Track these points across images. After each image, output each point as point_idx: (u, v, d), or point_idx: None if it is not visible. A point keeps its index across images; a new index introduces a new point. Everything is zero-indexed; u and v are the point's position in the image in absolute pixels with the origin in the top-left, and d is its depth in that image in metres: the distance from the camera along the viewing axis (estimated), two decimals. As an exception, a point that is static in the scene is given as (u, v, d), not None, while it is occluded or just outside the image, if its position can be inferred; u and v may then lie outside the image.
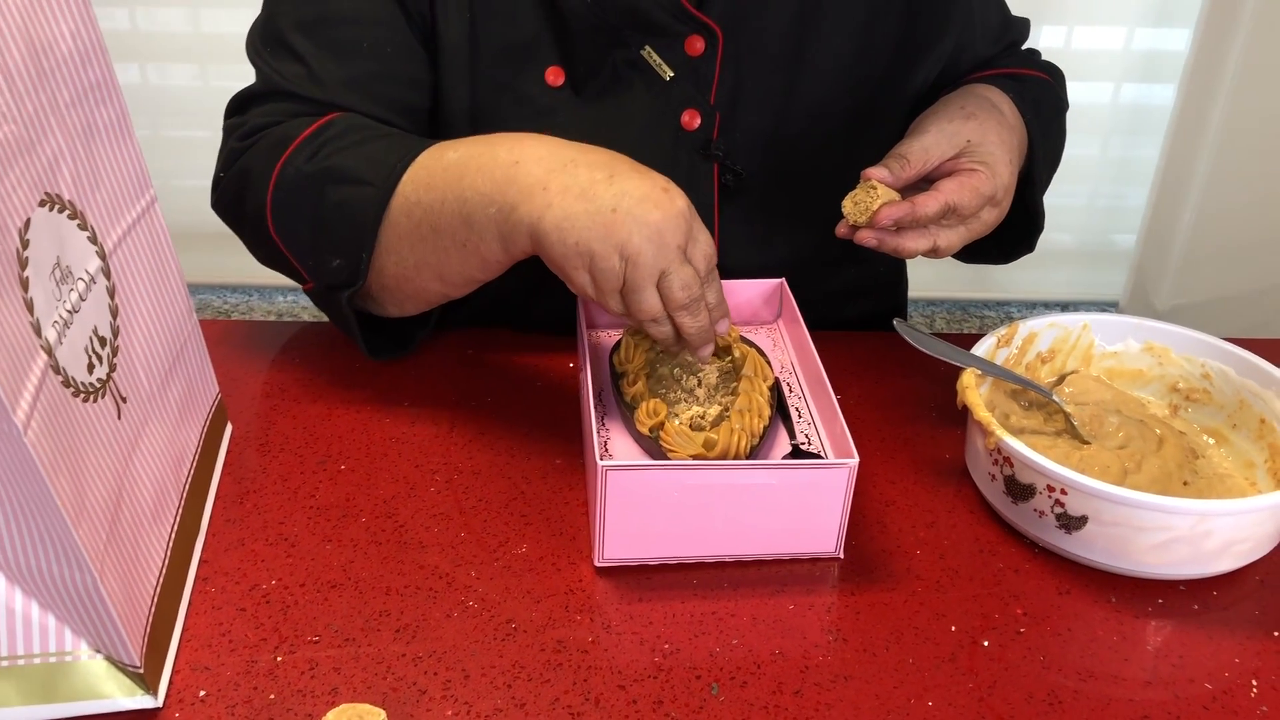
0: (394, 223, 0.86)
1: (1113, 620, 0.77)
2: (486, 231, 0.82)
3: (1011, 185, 0.92)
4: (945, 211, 0.88)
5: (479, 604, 0.76)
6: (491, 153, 0.82)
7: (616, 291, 0.78)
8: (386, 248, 0.87)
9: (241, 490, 0.85)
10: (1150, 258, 2.36)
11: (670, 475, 0.75)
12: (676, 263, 0.77)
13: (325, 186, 0.87)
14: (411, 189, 0.85)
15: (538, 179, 0.79)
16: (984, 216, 0.91)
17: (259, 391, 0.96)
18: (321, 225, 0.88)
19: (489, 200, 0.81)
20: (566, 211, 0.77)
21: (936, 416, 0.96)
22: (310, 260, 0.91)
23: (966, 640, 0.75)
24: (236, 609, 0.75)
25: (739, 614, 0.76)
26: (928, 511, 0.86)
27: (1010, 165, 0.91)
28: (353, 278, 0.88)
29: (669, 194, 0.78)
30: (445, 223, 0.83)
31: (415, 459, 0.89)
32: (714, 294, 0.81)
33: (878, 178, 0.89)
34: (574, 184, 0.78)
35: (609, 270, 0.77)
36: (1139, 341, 0.94)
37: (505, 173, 0.80)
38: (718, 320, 0.82)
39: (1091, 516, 0.77)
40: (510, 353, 1.02)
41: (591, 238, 0.76)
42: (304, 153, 0.88)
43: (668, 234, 0.76)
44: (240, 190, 0.92)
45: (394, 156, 0.86)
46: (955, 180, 0.89)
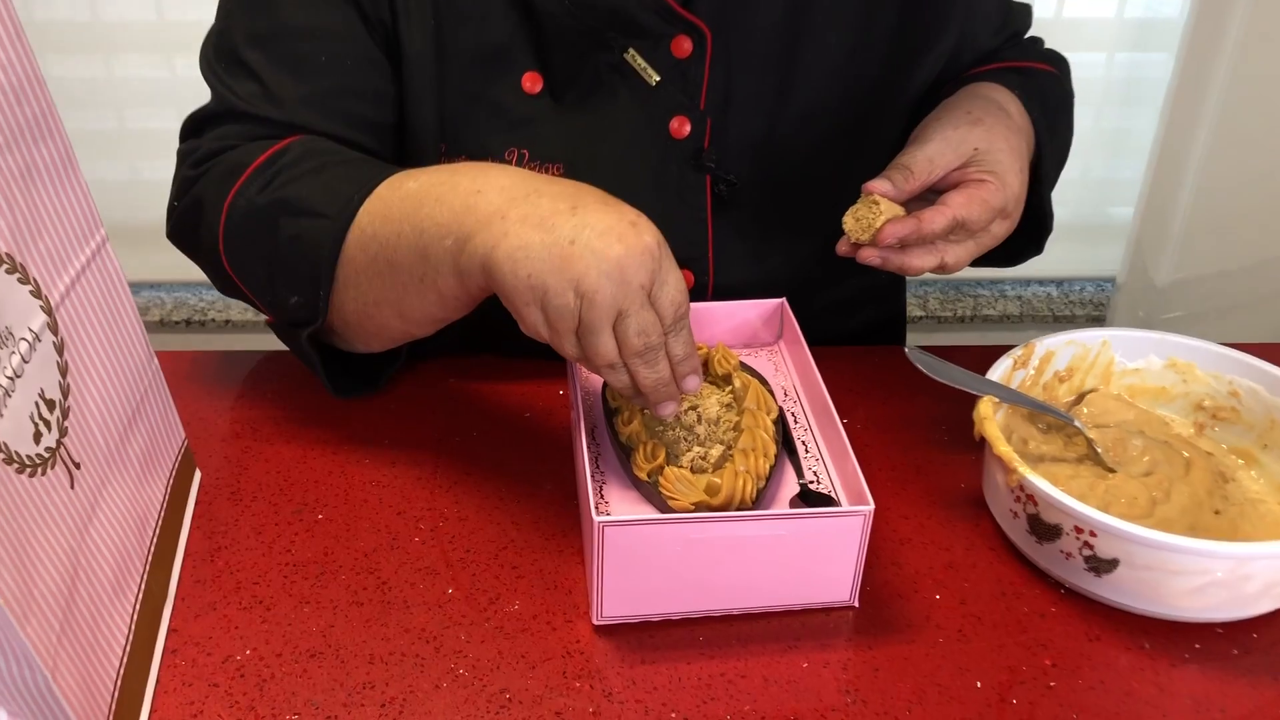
0: (351, 258, 0.80)
1: (1148, 669, 0.72)
2: (443, 265, 0.76)
3: (1022, 195, 0.86)
4: (953, 227, 0.83)
5: (470, 672, 0.71)
6: (452, 182, 0.76)
7: (571, 332, 0.72)
8: (344, 283, 0.81)
9: (212, 547, 0.79)
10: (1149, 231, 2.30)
11: (672, 530, 0.69)
12: (636, 304, 0.70)
13: (279, 219, 0.81)
14: (368, 221, 0.79)
15: (496, 208, 0.73)
16: (994, 230, 0.85)
17: (228, 431, 0.90)
18: (276, 260, 0.82)
19: (446, 231, 0.75)
20: (522, 240, 0.71)
21: (949, 440, 0.91)
22: (267, 296, 0.85)
23: (994, 698, 0.70)
24: (209, 684, 0.70)
25: (750, 674, 0.71)
26: (945, 550, 0.81)
27: (1021, 174, 0.86)
28: (312, 315, 0.83)
29: (636, 228, 0.71)
30: (402, 257, 0.78)
31: (397, 505, 0.83)
32: (681, 346, 0.74)
33: (880, 191, 0.83)
34: (533, 213, 0.71)
35: (563, 308, 0.71)
36: (1162, 358, 0.88)
37: (465, 201, 0.74)
38: (684, 376, 0.75)
39: (1123, 560, 0.72)
40: (495, 381, 0.96)
41: (546, 270, 0.70)
42: (256, 182, 0.82)
43: (629, 271, 0.70)
44: (194, 221, 0.86)
45: (351, 186, 0.80)
46: (963, 193, 0.83)
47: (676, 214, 0.94)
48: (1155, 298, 2.16)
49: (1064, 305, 2.33)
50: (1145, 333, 0.88)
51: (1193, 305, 2.16)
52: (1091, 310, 2.32)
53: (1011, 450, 0.75)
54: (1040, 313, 2.31)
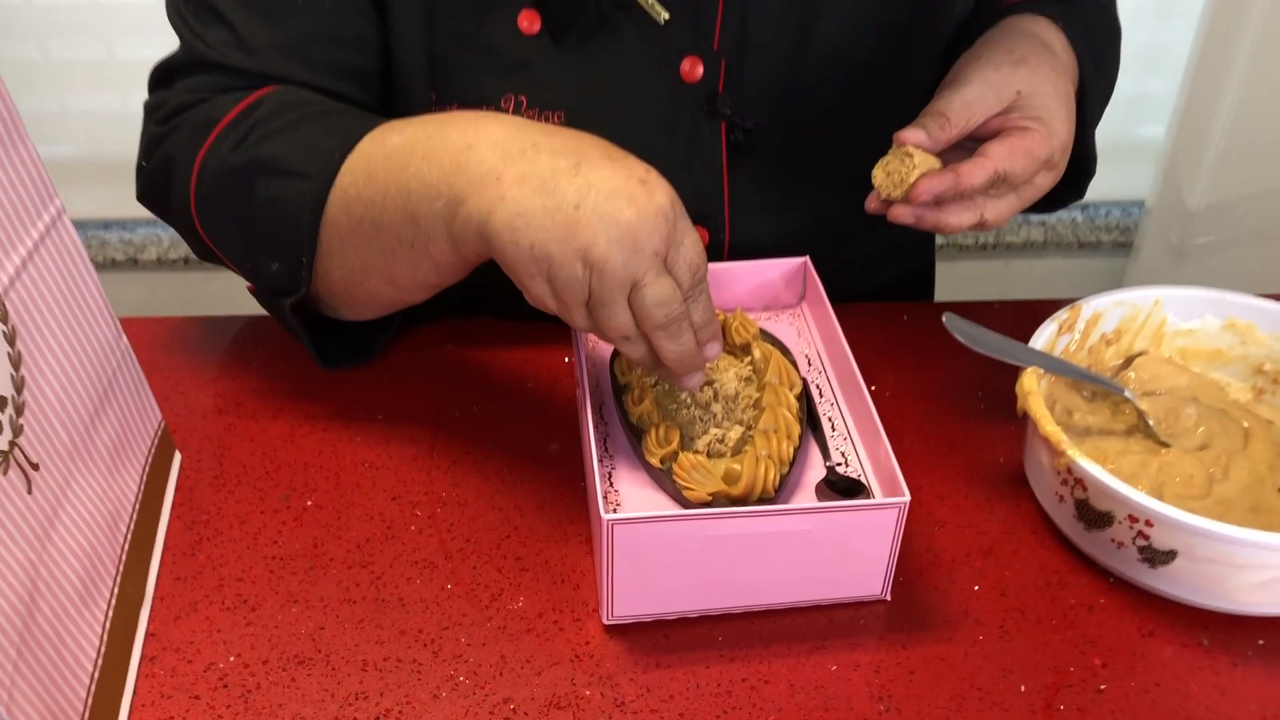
0: (334, 221, 0.73)
1: (1207, 669, 0.66)
2: (434, 229, 0.69)
3: (1069, 143, 0.78)
4: (994, 181, 0.75)
5: (470, 679, 0.65)
6: (441, 135, 0.69)
7: (582, 305, 0.65)
8: (328, 249, 0.75)
9: (193, 539, 0.74)
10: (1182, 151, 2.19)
11: (687, 527, 0.63)
12: (653, 273, 0.64)
13: (255, 180, 0.74)
14: (351, 181, 0.72)
15: (491, 167, 0.66)
16: (1038, 182, 0.78)
17: (210, 407, 0.84)
18: (253, 225, 0.75)
19: (435, 193, 0.68)
20: (521, 207, 0.64)
21: (985, 408, 0.84)
22: (246, 264, 0.78)
23: (1039, 703, 0.64)
24: (189, 696, 0.65)
25: (774, 679, 0.66)
26: (983, 534, 0.74)
27: (1068, 120, 0.78)
28: (294, 283, 0.76)
29: (647, 187, 0.64)
30: (389, 220, 0.71)
31: (391, 489, 0.77)
32: (701, 312, 0.68)
33: (913, 142, 0.75)
34: (533, 173, 0.64)
35: (571, 280, 0.64)
36: (1219, 318, 0.81)
37: (455, 159, 0.67)
38: (706, 342, 0.69)
39: (1182, 552, 0.66)
40: (497, 347, 0.89)
41: (549, 240, 0.63)
42: (229, 140, 0.75)
43: (642, 237, 0.63)
44: (164, 182, 0.79)
45: (332, 141, 0.73)
46: (1005, 143, 0.75)
47: (689, 166, 0.86)
48: (1187, 222, 2.07)
49: (1089, 231, 2.24)
50: (1202, 291, 0.81)
51: (1226, 229, 2.07)
52: (1118, 236, 2.23)
53: (1060, 431, 0.69)
54: (1065, 239, 2.22)
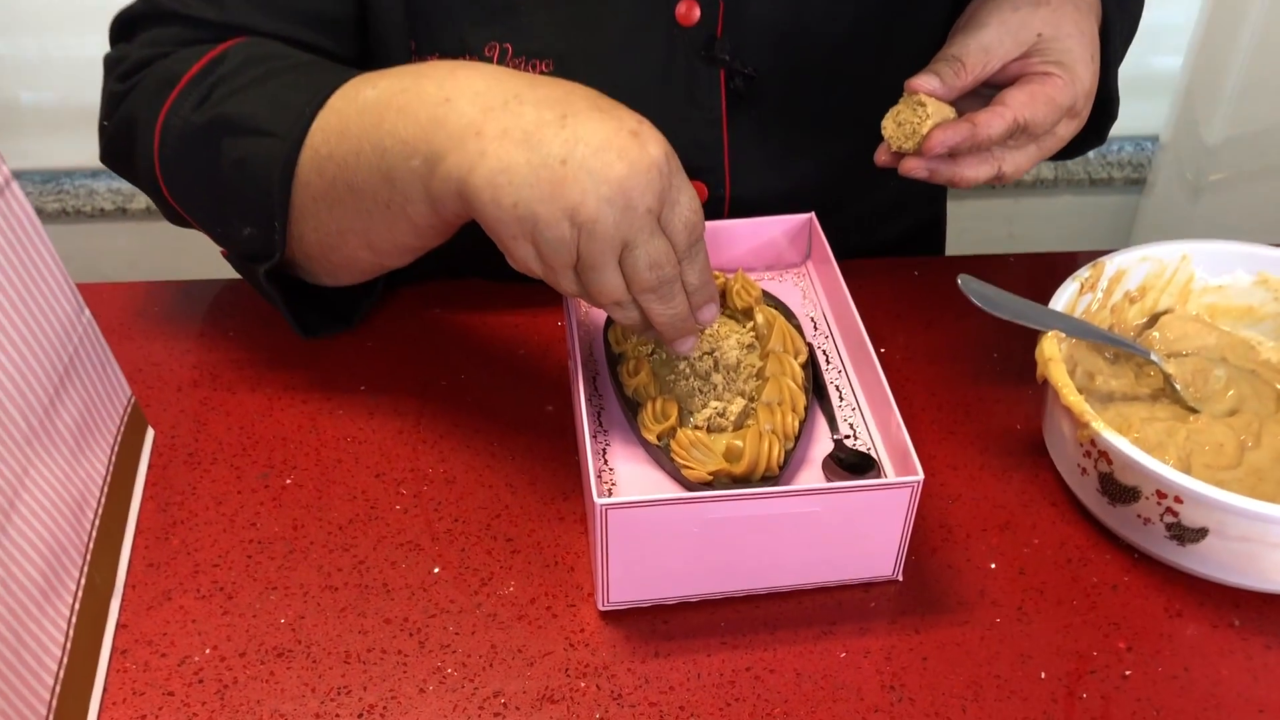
0: (306, 182, 0.68)
1: (1239, 653, 0.63)
2: (411, 189, 0.64)
3: (1093, 89, 0.73)
4: (1013, 131, 0.70)
5: (459, 671, 0.62)
6: (417, 89, 0.64)
7: (569, 268, 0.61)
8: (302, 212, 0.70)
9: (167, 522, 0.70)
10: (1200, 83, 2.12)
11: (686, 510, 0.59)
12: (645, 233, 0.60)
13: (221, 139, 0.69)
14: (322, 139, 0.67)
15: (470, 121, 0.61)
16: (1059, 131, 0.73)
17: (184, 379, 0.80)
18: (222, 188, 0.71)
19: (411, 150, 0.63)
20: (503, 163, 0.59)
21: (1000, 370, 0.80)
22: (217, 228, 0.74)
23: (1061, 691, 0.61)
24: (163, 693, 0.61)
25: (779, 668, 0.62)
26: (1000, 508, 0.70)
27: (1092, 63, 0.73)
28: (268, 248, 0.71)
29: (639, 139, 0.59)
30: (363, 180, 0.66)
31: (376, 465, 0.73)
32: (696, 273, 0.63)
33: (926, 89, 0.70)
34: (515, 127, 0.60)
35: (557, 241, 0.59)
36: (1250, 273, 0.76)
37: (432, 113, 0.62)
38: (701, 306, 0.65)
39: (1213, 530, 0.62)
40: (485, 310, 0.85)
41: (534, 198, 0.58)
42: (192, 96, 0.70)
43: (634, 194, 0.58)
44: (127, 143, 0.74)
45: (302, 97, 0.68)
46: (1025, 90, 0.70)
47: (686, 116, 0.81)
48: (1204, 158, 2.01)
49: (1101, 167, 2.18)
50: (1233, 245, 0.76)
51: (1244, 165, 2.01)
52: (1131, 172, 2.17)
53: (1083, 401, 0.65)
54: (1076, 176, 2.16)
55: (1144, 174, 2.16)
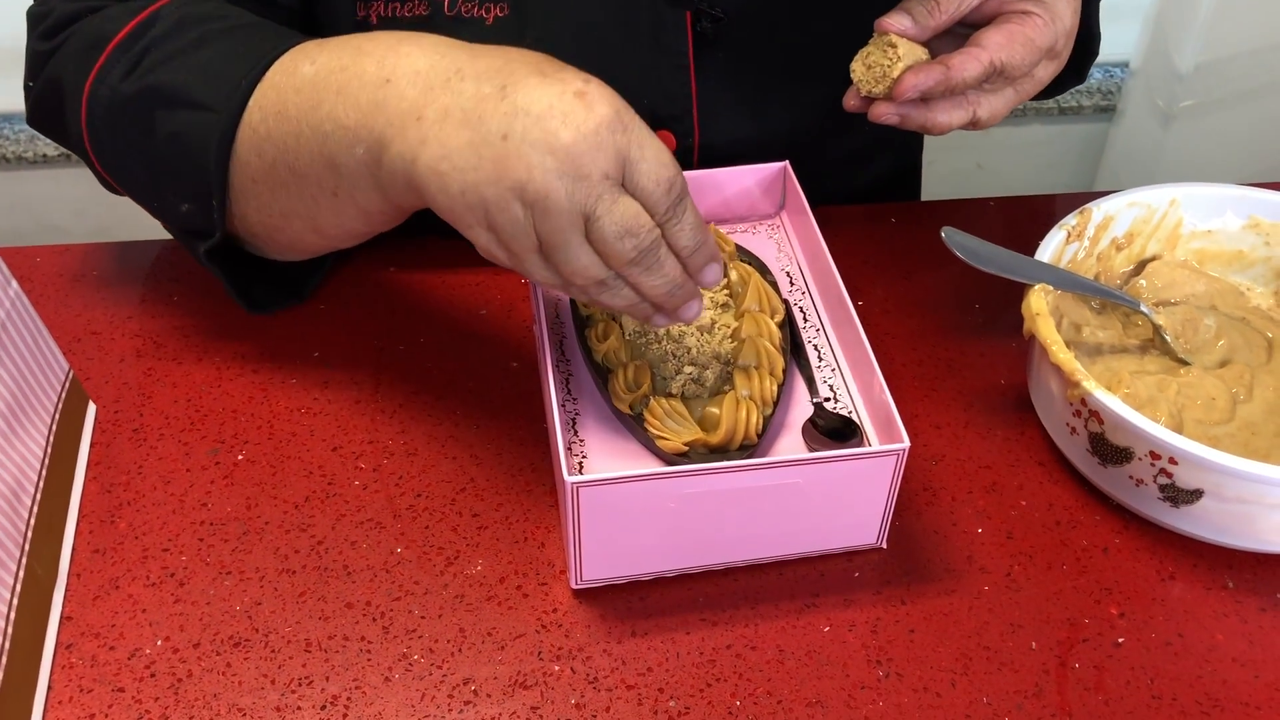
0: (245, 162, 0.64)
1: (1233, 615, 0.61)
2: (358, 179, 0.60)
3: (1074, 28, 0.69)
4: (989, 74, 0.65)
5: (426, 658, 0.59)
6: (357, 67, 0.59)
7: (534, 252, 0.56)
8: (242, 192, 0.66)
9: (112, 503, 0.66)
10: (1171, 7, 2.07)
11: (661, 485, 0.56)
12: (606, 200, 0.54)
13: (153, 112, 0.65)
14: (260, 117, 0.63)
15: (411, 104, 0.56)
16: (1038, 74, 0.68)
17: (127, 349, 0.75)
18: (156, 162, 0.66)
19: (354, 137, 0.59)
20: (445, 147, 0.55)
21: (983, 322, 0.77)
22: (154, 202, 0.69)
23: (1052, 661, 0.59)
24: (112, 689, 0.58)
25: (761, 645, 0.59)
26: (986, 468, 0.68)
27: (1073, 1, 0.68)
28: (208, 226, 0.67)
29: (585, 100, 0.54)
30: (305, 165, 0.62)
31: (332, 438, 0.70)
32: (686, 233, 0.57)
33: (897, 29, 0.66)
34: (455, 106, 0.55)
35: (512, 224, 0.55)
36: (1241, 216, 0.74)
37: (372, 96, 0.58)
38: (701, 268, 0.59)
39: (1208, 491, 0.59)
40: (444, 268, 0.81)
41: (480, 180, 0.54)
42: (120, 64, 0.65)
43: (585, 159, 0.53)
44: (55, 106, 0.69)
45: (238, 68, 0.64)
46: (1002, 31, 0.66)
47: (651, 62, 0.76)
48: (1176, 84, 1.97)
49: (1070, 96, 2.14)
50: (1223, 188, 0.73)
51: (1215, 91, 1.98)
52: (1100, 100, 2.13)
53: (1073, 359, 0.62)
54: (1044, 106, 2.13)
55: (1114, 101, 2.13)
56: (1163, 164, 1.97)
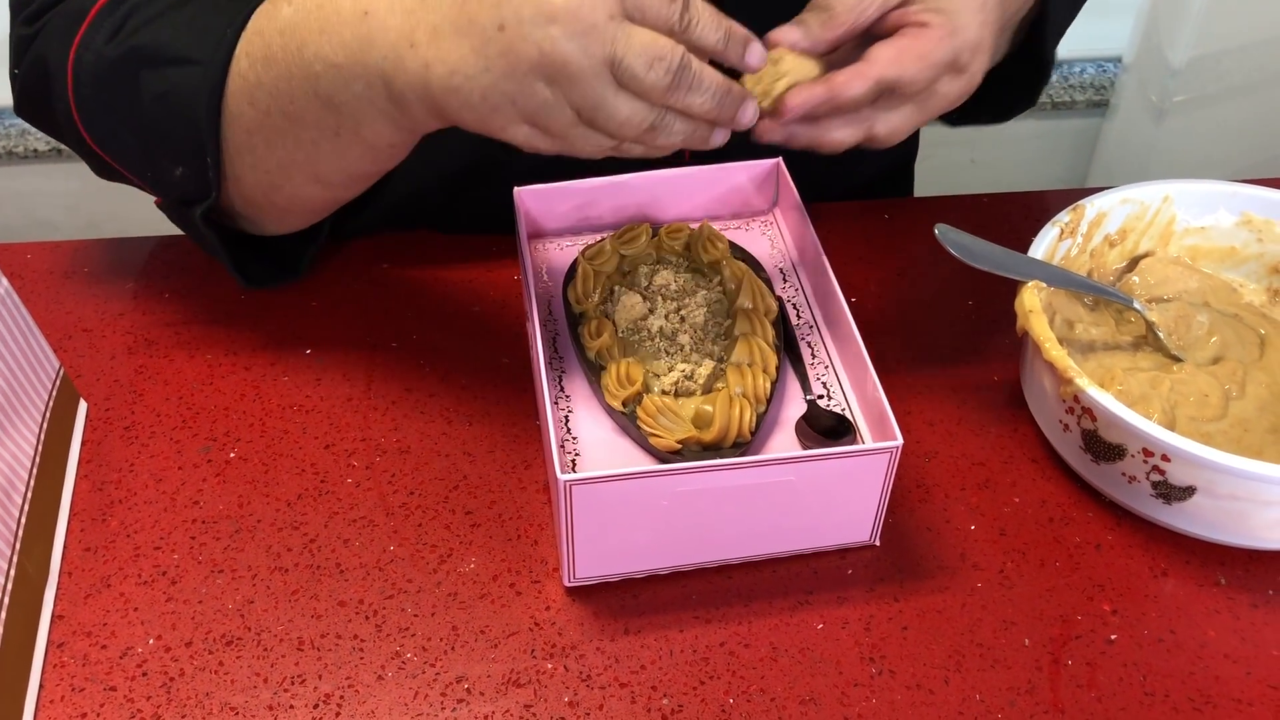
0: (238, 113, 0.64)
1: (1225, 612, 0.61)
2: (362, 113, 0.60)
3: (983, 42, 0.63)
4: (880, 91, 0.61)
5: (418, 655, 0.59)
6: (334, 4, 0.59)
7: (576, 125, 0.55)
8: (237, 148, 0.65)
9: (104, 501, 0.66)
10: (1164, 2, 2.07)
11: (654, 483, 0.56)
12: (622, 39, 0.53)
13: (139, 72, 0.64)
14: (249, 64, 0.62)
15: (400, 32, 0.56)
16: (942, 89, 0.63)
17: (118, 346, 0.75)
18: (146, 126, 0.66)
19: (348, 75, 0.58)
20: (450, 64, 0.54)
21: (976, 318, 0.77)
22: (147, 172, 0.69)
23: (1045, 658, 0.59)
24: (104, 688, 0.58)
25: (754, 643, 0.59)
26: (979, 465, 0.68)
27: (980, 12, 0.62)
28: (203, 188, 0.67)
29: None
30: (300, 108, 0.61)
31: (324, 436, 0.69)
32: (709, 28, 0.55)
33: (786, 43, 0.61)
34: (443, 21, 0.54)
35: (544, 105, 0.54)
36: (1234, 213, 0.74)
37: (356, 32, 0.57)
38: (740, 55, 0.57)
39: (1201, 488, 0.59)
40: (437, 265, 0.81)
41: (497, 79, 0.53)
42: (104, 28, 0.65)
43: (584, 11, 0.52)
44: (42, 90, 0.68)
45: (221, 19, 0.63)
46: (893, 45, 0.61)
47: None
48: (1169, 79, 1.98)
49: (1063, 90, 2.14)
50: (1215, 185, 0.73)
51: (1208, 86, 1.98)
52: (1093, 95, 2.13)
53: (1066, 357, 0.62)
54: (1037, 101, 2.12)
55: (1106, 96, 2.13)
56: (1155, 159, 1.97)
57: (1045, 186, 1.63)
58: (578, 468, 0.63)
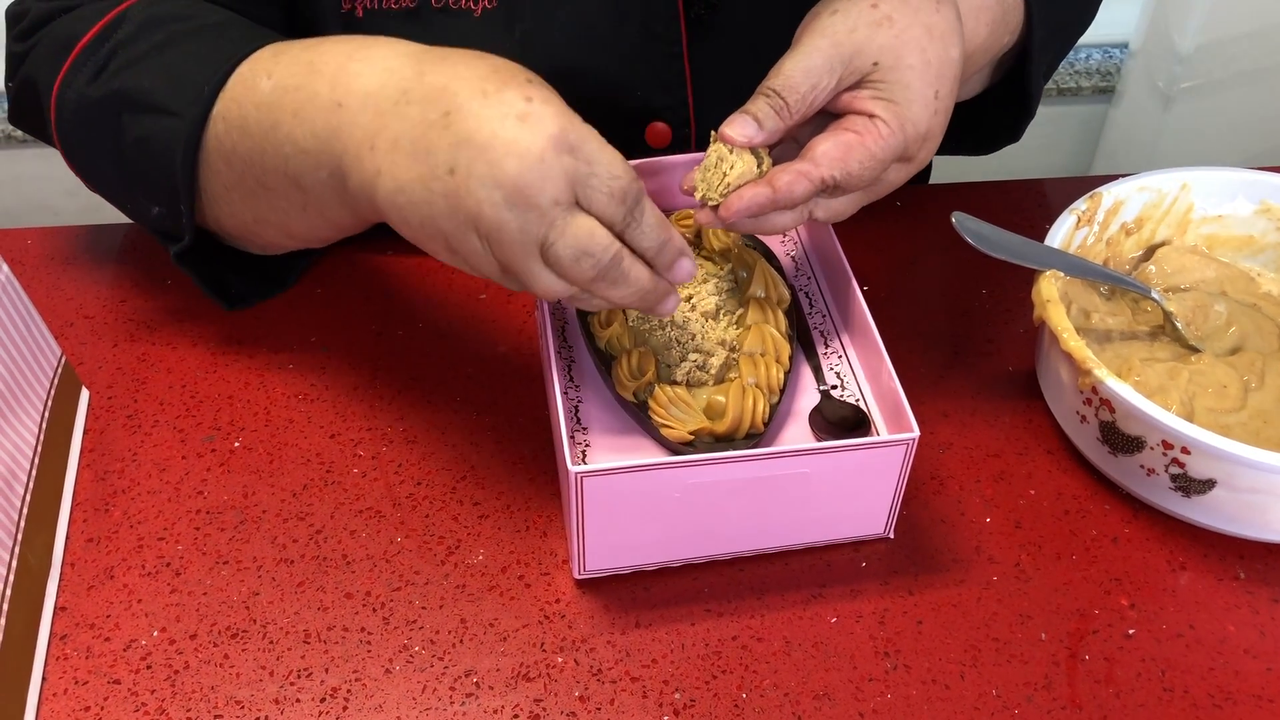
0: (215, 170, 0.64)
1: (1245, 607, 0.60)
2: (326, 198, 0.60)
3: (933, 128, 0.61)
4: (822, 190, 0.60)
5: (426, 649, 0.58)
6: (311, 88, 0.58)
7: (499, 273, 0.56)
8: (214, 197, 0.65)
9: (106, 492, 0.65)
10: (1173, -16, 2.04)
11: (666, 476, 0.55)
12: (559, 226, 0.53)
13: (120, 115, 0.64)
14: (224, 129, 0.62)
15: (365, 132, 0.56)
16: (888, 177, 0.62)
17: (120, 333, 0.74)
18: (125, 165, 0.66)
19: (316, 162, 0.58)
20: (398, 181, 0.54)
21: (990, 307, 0.76)
22: (127, 205, 0.69)
23: (1063, 654, 0.58)
24: (108, 681, 0.57)
25: (767, 637, 0.59)
26: (994, 456, 0.67)
27: (932, 102, 0.60)
28: (178, 231, 0.66)
29: (528, 123, 0.52)
30: (273, 181, 0.62)
31: (330, 425, 0.68)
32: (647, 236, 0.55)
33: (740, 142, 0.59)
34: (404, 135, 0.54)
35: (472, 252, 0.55)
36: (1253, 201, 0.72)
37: (327, 121, 0.57)
38: (670, 266, 0.57)
39: (1221, 481, 0.59)
40: (443, 251, 0.79)
41: (436, 214, 0.54)
42: (87, 67, 0.65)
43: (533, 189, 0.52)
44: (34, 106, 0.69)
45: (202, 71, 0.63)
46: (839, 143, 0.59)
47: (643, 52, 0.74)
48: (1176, 65, 1.96)
49: (1069, 77, 2.13)
50: (1234, 172, 0.72)
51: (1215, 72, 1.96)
52: (1099, 81, 2.12)
53: (1084, 348, 0.61)
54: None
55: (1113, 83, 2.12)
56: (1162, 146, 1.95)
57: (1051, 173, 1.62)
58: (588, 459, 0.62)
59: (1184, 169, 0.72)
